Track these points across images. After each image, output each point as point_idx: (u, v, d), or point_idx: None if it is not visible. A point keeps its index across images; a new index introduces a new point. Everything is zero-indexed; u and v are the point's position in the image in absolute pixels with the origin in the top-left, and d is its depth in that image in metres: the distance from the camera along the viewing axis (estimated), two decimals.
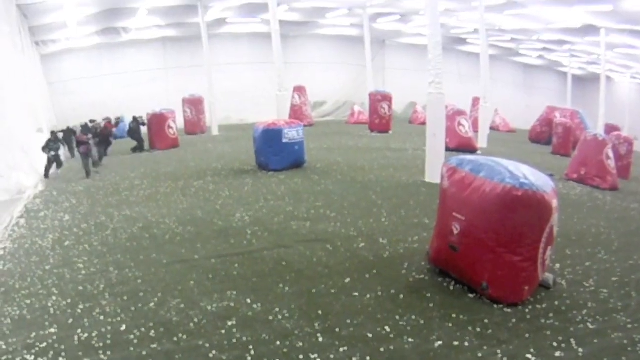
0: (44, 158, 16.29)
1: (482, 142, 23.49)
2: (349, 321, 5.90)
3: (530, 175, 6.54)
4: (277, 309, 6.12)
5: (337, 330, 5.73)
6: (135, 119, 22.80)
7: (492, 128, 33.85)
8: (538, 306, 6.47)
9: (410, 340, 5.56)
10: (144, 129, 22.62)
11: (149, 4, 27.74)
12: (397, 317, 6.02)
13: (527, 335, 5.73)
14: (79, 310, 6.14)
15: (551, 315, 6.25)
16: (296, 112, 30.50)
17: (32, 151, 16.71)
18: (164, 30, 35.36)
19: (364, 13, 33.13)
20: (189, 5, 29.03)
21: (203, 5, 29.11)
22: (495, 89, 37.25)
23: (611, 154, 17.12)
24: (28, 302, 6.50)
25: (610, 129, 30.57)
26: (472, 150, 20.48)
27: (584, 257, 8.57)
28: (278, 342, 5.50)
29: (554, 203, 6.54)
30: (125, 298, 6.40)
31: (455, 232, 6.79)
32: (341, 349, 5.37)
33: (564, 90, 49.26)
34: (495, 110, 38.05)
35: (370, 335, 5.63)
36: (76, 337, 5.60)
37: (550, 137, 27.75)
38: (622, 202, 14.39)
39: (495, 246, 6.39)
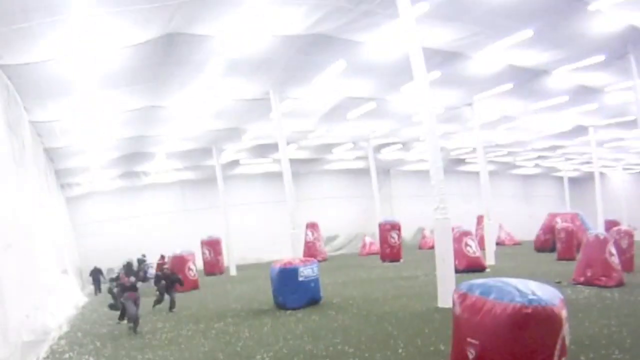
0: (74, 299, 16.40)
1: (489, 260, 23.70)
2: None
3: (538, 290, 6.65)
4: None
5: None
6: (140, 262, 23.49)
7: (498, 243, 34.33)
8: None
9: None
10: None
11: (167, 148, 28.85)
12: None
13: None
14: None
15: None
16: (310, 248, 30.97)
17: (57, 292, 16.92)
18: (182, 173, 36.74)
19: (368, 145, 34.33)
20: (204, 148, 30.35)
21: (217, 148, 30.23)
22: (497, 204, 38.05)
23: (614, 251, 17.18)
24: None
25: (610, 224, 30.64)
26: (480, 269, 20.82)
27: None
28: None
29: (564, 314, 6.63)
30: None
31: (471, 357, 6.84)
32: None
33: (563, 195, 50.49)
34: (500, 225, 38.44)
35: None
36: None
37: (554, 244, 27.81)
38: (629, 297, 14.39)
39: None
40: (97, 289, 25.89)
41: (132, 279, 15.23)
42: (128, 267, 20.75)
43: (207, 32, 14.49)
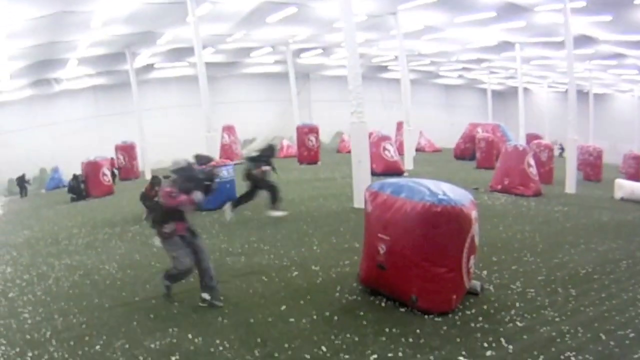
0: None
1: (408, 164, 24.22)
2: (286, 345, 6.11)
3: (449, 191, 6.91)
4: (218, 341, 6.27)
5: (277, 354, 5.94)
6: (75, 176, 22.83)
7: (418, 149, 35.11)
8: (467, 312, 6.83)
9: (346, 357, 5.82)
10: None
11: (79, 54, 27.60)
12: (333, 337, 6.26)
13: (458, 340, 6.06)
14: (28, 358, 6.18)
15: (480, 318, 6.62)
16: (226, 151, 30.81)
17: None
18: (95, 79, 35.35)
19: (287, 49, 33.78)
20: (117, 53, 29.08)
21: (131, 52, 29.15)
22: (418, 112, 38.76)
23: (532, 162, 17.94)
24: None
25: (531, 138, 31.84)
26: (399, 173, 21.18)
27: (510, 262, 9.10)
28: None
29: (473, 214, 6.93)
30: (72, 343, 6.45)
31: (382, 252, 7.08)
32: None
33: (486, 106, 51.06)
34: (420, 132, 39.23)
35: (307, 357, 5.86)
36: None
37: (474, 153, 28.65)
38: (545, 207, 15.21)
39: (421, 260, 6.71)
40: (24, 193, 29.26)
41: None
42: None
43: None
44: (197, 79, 21.15)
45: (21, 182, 30.07)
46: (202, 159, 7.08)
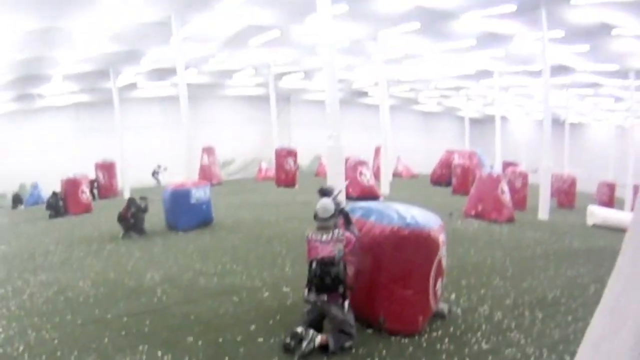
0: None
1: (385, 189, 24.42)
2: None
3: (418, 215, 7.06)
4: (186, 359, 6.36)
5: None
6: (54, 193, 22.89)
7: (395, 175, 35.49)
8: (434, 334, 6.93)
9: None
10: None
11: (64, 70, 27.71)
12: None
13: None
14: None
15: (446, 340, 6.71)
16: (205, 172, 30.89)
17: None
18: (78, 96, 35.38)
19: (269, 72, 34.07)
20: (101, 70, 29.23)
21: (115, 71, 29.31)
22: (397, 137, 39.34)
23: (506, 189, 18.19)
24: None
25: (507, 165, 32.21)
26: (374, 197, 21.15)
27: (479, 286, 9.23)
28: None
29: (441, 238, 7.07)
30: (44, 358, 6.51)
31: (350, 273, 7.17)
32: None
33: (463, 134, 51.62)
34: (398, 157, 39.63)
35: None
36: None
37: (450, 179, 28.93)
38: (517, 232, 15.47)
39: (388, 283, 6.83)
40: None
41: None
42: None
43: None
44: (178, 99, 21.29)
45: (17, 197, 30.97)
46: (327, 192, 7.04)
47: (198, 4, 19.19)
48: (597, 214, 19.84)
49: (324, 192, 7.10)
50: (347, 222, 6.83)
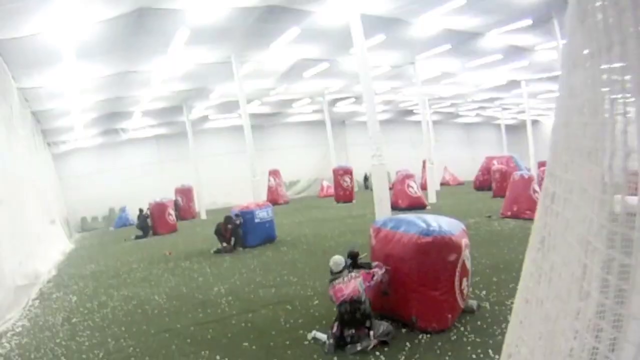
0: (61, 246, 16.72)
1: (431, 198, 24.45)
2: None
3: (444, 223, 7.19)
4: None
5: None
6: (141, 211, 24.10)
7: (443, 183, 35.54)
8: (462, 328, 6.97)
9: None
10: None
11: (142, 107, 28.93)
12: (342, 353, 6.56)
13: (449, 353, 6.20)
14: None
15: (473, 333, 6.75)
16: (272, 193, 31.52)
17: (46, 241, 17.27)
18: (157, 129, 36.71)
19: (323, 100, 34.64)
20: (176, 106, 30.32)
21: (187, 106, 30.38)
22: (443, 149, 39.30)
23: (537, 188, 17.86)
24: None
25: (541, 165, 31.72)
26: (421, 206, 21.56)
27: (509, 281, 9.07)
28: None
29: (464, 242, 7.20)
30: None
31: (384, 280, 7.38)
32: None
33: (501, 140, 50.98)
34: (445, 167, 39.52)
35: None
36: None
37: (491, 183, 28.62)
38: None
39: (418, 286, 6.98)
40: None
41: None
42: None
43: (174, 6, 14.58)
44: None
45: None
46: (354, 255, 7.51)
47: (254, 45, 19.78)
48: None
49: (352, 255, 7.49)
50: (368, 268, 7.19)
